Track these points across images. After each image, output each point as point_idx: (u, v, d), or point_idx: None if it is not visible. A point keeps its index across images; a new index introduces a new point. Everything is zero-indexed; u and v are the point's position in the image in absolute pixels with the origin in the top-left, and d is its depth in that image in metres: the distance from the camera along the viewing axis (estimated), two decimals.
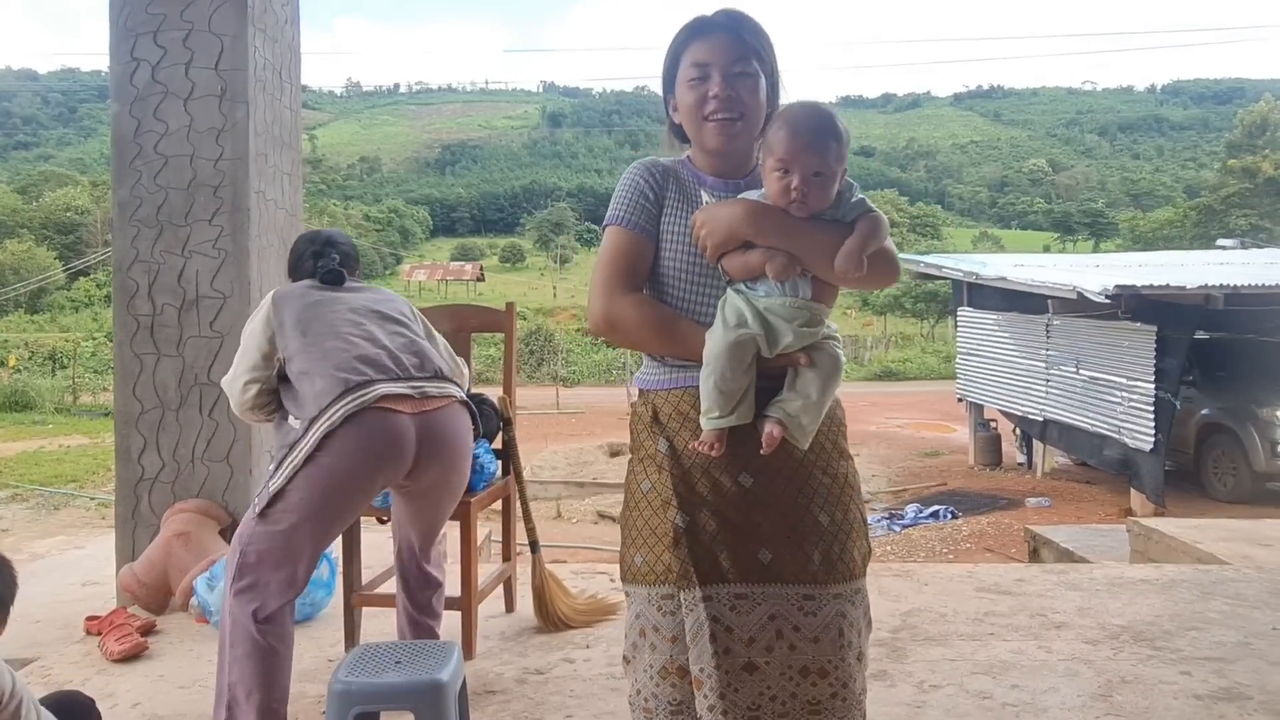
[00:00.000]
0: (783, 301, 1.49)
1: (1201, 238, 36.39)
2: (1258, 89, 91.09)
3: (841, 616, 1.49)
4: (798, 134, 1.47)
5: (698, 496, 1.51)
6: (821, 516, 1.51)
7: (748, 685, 1.46)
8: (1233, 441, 9.52)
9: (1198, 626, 3.24)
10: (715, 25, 1.58)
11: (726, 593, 1.48)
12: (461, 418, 2.51)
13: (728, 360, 1.47)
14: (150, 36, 3.63)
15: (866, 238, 1.48)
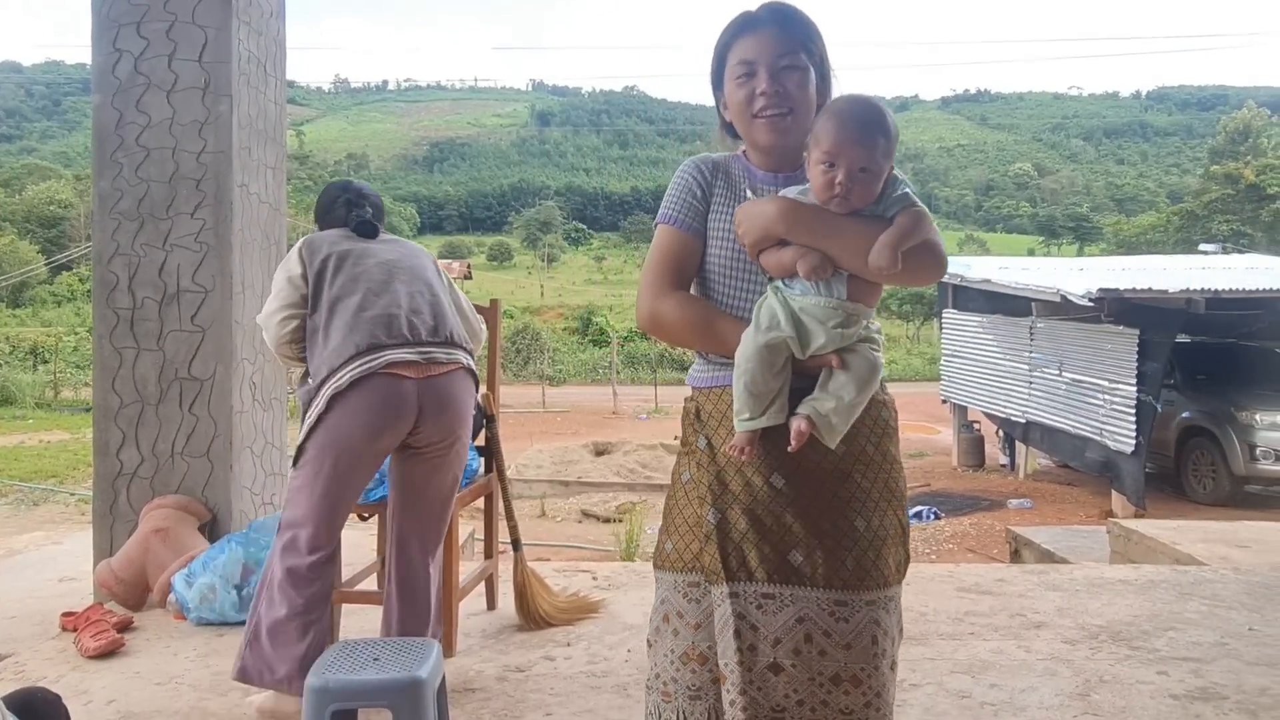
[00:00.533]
0: (817, 301, 1.46)
1: (1184, 242, 36.68)
2: (1240, 96, 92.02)
3: (875, 624, 1.46)
4: (845, 127, 1.44)
5: (731, 494, 1.50)
6: (858, 522, 1.48)
7: (772, 685, 1.45)
8: (1212, 444, 9.60)
9: (1175, 627, 3.26)
10: (760, 21, 1.57)
11: (754, 591, 1.47)
12: (465, 384, 2.58)
13: (758, 363, 1.45)
14: (133, 28, 3.61)
15: (904, 232, 1.43)
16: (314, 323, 2.51)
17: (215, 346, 3.58)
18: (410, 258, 2.68)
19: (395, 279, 2.56)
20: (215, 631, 3.13)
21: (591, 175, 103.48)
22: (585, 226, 79.83)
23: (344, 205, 2.75)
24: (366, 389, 2.37)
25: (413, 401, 2.42)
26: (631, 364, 31.16)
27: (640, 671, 2.83)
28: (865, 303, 1.48)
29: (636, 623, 3.27)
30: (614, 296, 48.45)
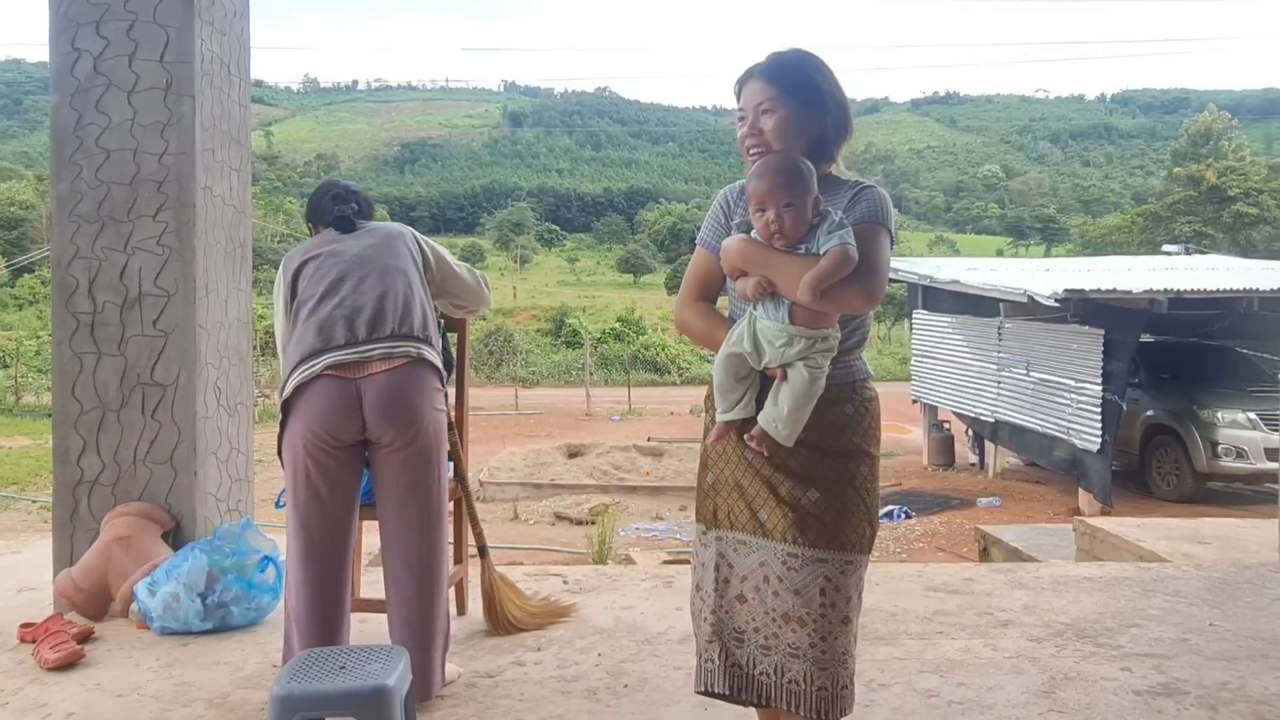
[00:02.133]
0: (769, 324, 1.77)
1: (1148, 243, 37.30)
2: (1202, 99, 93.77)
3: (825, 579, 1.78)
4: (764, 177, 1.77)
5: (722, 461, 1.90)
6: (810, 493, 1.80)
7: (737, 611, 1.85)
8: (1176, 442, 9.77)
9: (1138, 623, 3.31)
10: (752, 73, 1.89)
11: (732, 538, 1.87)
12: (414, 377, 2.51)
13: (723, 371, 1.83)
14: (92, 27, 3.54)
15: (823, 272, 1.69)
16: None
17: (178, 351, 3.52)
18: (378, 247, 2.68)
19: (348, 277, 2.58)
20: (179, 641, 3.08)
21: (564, 176, 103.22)
22: (558, 228, 79.51)
23: (330, 200, 2.81)
24: (308, 394, 2.46)
25: (353, 400, 2.44)
26: (604, 365, 31.12)
27: (610, 675, 2.83)
28: (807, 326, 1.75)
29: (607, 626, 3.27)
30: (587, 298, 48.36)
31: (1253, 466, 9.14)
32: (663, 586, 3.75)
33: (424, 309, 2.65)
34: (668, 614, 3.40)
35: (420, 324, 2.59)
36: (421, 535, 2.56)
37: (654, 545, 8.55)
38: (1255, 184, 39.52)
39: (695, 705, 2.60)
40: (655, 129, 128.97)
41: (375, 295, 2.56)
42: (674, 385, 29.31)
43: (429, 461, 2.55)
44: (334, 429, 2.45)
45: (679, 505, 10.50)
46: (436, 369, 2.60)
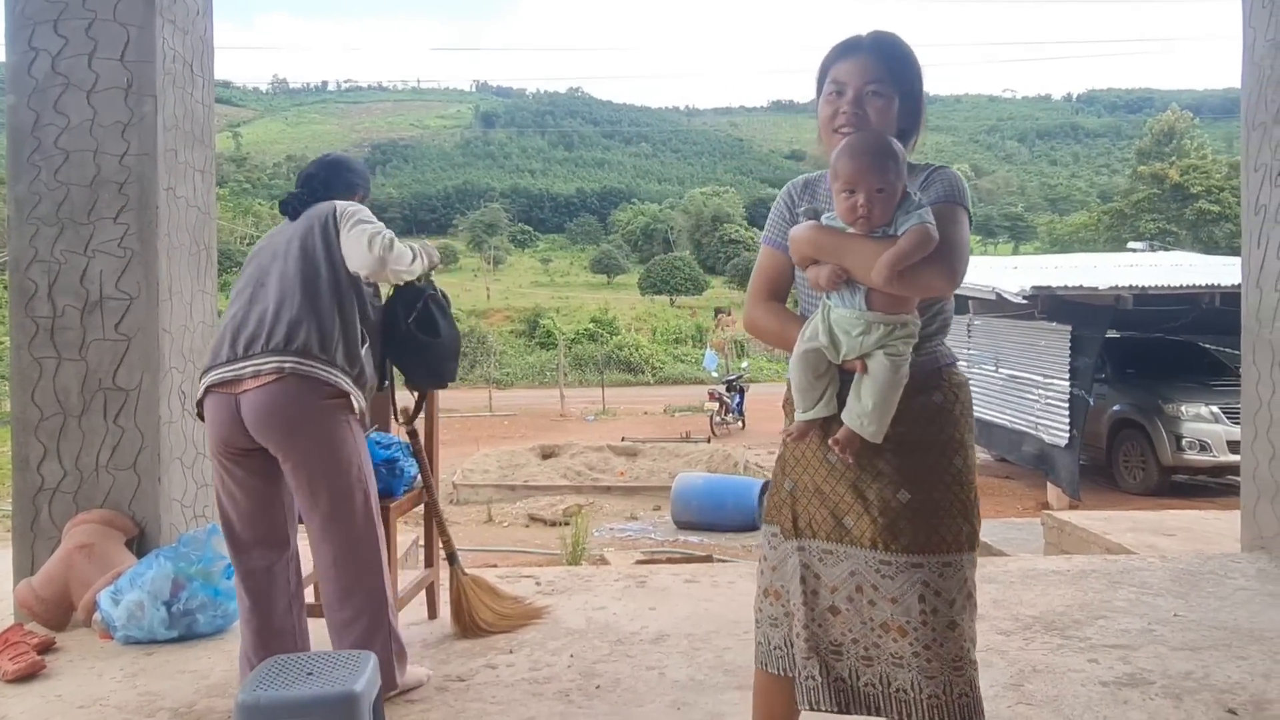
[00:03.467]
0: (845, 313, 1.69)
1: (1114, 240, 37.86)
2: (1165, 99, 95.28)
3: (924, 584, 1.69)
4: (858, 157, 1.66)
5: (800, 465, 1.82)
6: (900, 494, 1.71)
7: (830, 624, 1.77)
8: (1142, 436, 9.91)
9: (1105, 615, 3.35)
10: (860, 47, 1.79)
11: (816, 547, 1.78)
12: (284, 392, 2.40)
13: (800, 368, 1.74)
14: (50, 25, 3.47)
15: (902, 252, 1.60)
16: None
17: (141, 355, 3.47)
18: (296, 239, 2.58)
19: (254, 280, 2.56)
20: (144, 650, 3.03)
21: (537, 177, 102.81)
22: (531, 228, 79.19)
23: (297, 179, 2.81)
24: (205, 409, 2.52)
25: (234, 415, 2.44)
26: (578, 366, 31.08)
27: (582, 676, 2.82)
28: (885, 311, 1.67)
29: (579, 627, 3.26)
30: (561, 298, 48.26)
31: (1216, 459, 9.29)
32: (635, 587, 3.75)
33: (316, 316, 2.47)
34: (640, 614, 3.40)
35: (305, 337, 2.44)
36: (326, 543, 2.50)
37: (628, 545, 8.54)
38: (1217, 182, 40.20)
39: (668, 705, 2.60)
40: (628, 129, 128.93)
41: (262, 307, 2.49)
42: (648, 385, 29.33)
43: (320, 473, 2.45)
44: (227, 438, 2.48)
45: (653, 505, 10.50)
46: (321, 380, 2.43)
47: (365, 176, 2.94)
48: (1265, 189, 4.24)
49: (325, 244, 2.56)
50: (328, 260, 2.54)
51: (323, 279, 2.52)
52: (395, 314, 2.79)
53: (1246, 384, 4.38)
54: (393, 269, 2.55)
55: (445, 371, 2.93)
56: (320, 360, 2.44)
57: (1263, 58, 4.26)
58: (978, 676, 1.74)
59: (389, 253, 2.51)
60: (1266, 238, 4.23)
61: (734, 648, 3.02)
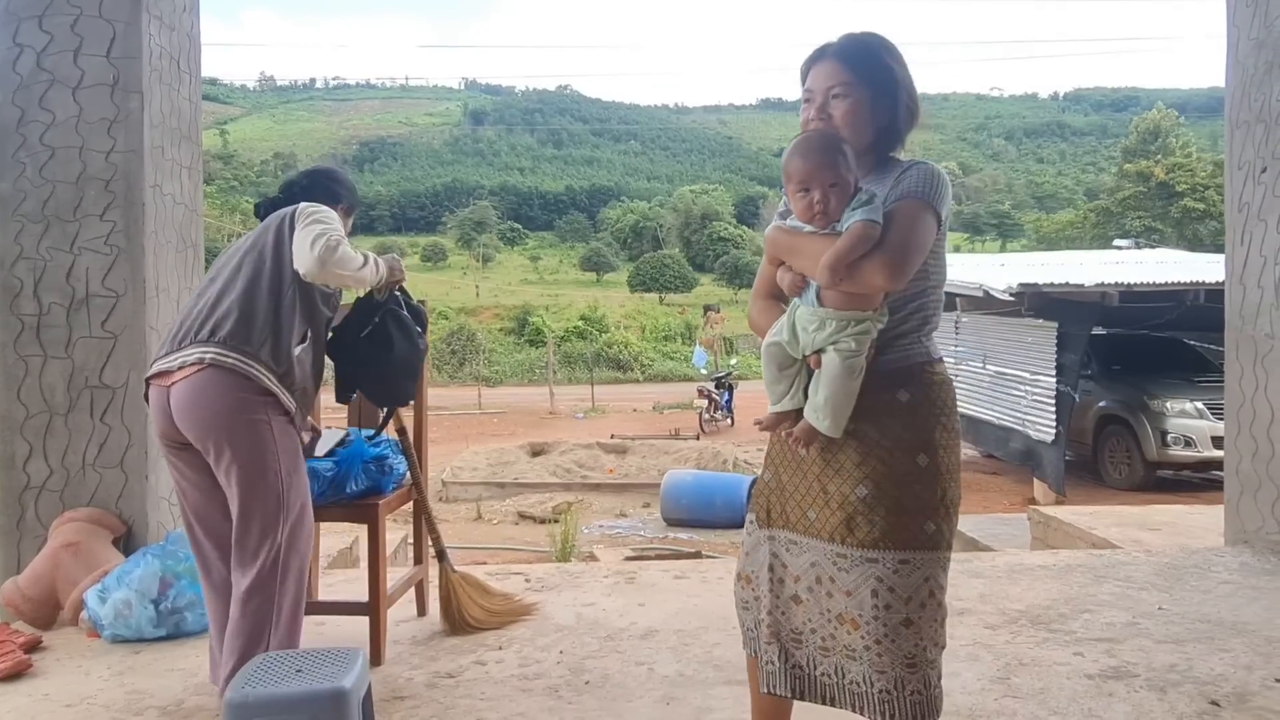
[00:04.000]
0: (805, 310, 1.74)
1: (1100, 238, 38.08)
2: (1151, 97, 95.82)
3: (877, 580, 1.71)
4: (809, 156, 1.71)
5: (776, 459, 1.90)
6: (859, 489, 1.74)
7: (793, 612, 1.84)
8: (1127, 432, 9.97)
9: (1090, 609, 3.38)
10: (825, 53, 1.83)
11: (784, 537, 1.85)
12: (206, 384, 2.34)
13: (765, 362, 1.82)
14: (35, 21, 3.46)
15: (840, 250, 1.64)
16: None
17: (128, 353, 3.45)
18: (256, 237, 2.56)
19: (213, 278, 2.54)
20: (131, 649, 3.02)
21: (526, 174, 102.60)
22: (520, 226, 79.11)
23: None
24: (149, 400, 2.50)
25: (167, 408, 2.40)
26: (568, 364, 31.07)
27: (572, 672, 2.83)
28: (835, 307, 1.70)
29: (568, 624, 3.26)
30: (550, 296, 48.20)
31: (1200, 454, 9.36)
32: (624, 583, 3.76)
33: (248, 310, 2.42)
34: (629, 610, 3.41)
35: (230, 328, 2.38)
36: (244, 538, 2.41)
37: (618, 542, 8.55)
38: (1202, 180, 40.47)
39: (657, 700, 2.61)
40: (617, 127, 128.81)
41: (205, 300, 2.47)
42: (637, 382, 29.35)
43: (235, 474, 2.37)
44: (165, 431, 2.46)
45: (642, 502, 10.51)
46: (240, 374, 2.36)
47: (351, 189, 2.88)
48: (1249, 187, 4.28)
49: (277, 240, 2.52)
50: (275, 255, 2.49)
51: (265, 274, 2.47)
52: (348, 325, 2.73)
53: (1230, 380, 4.42)
54: (333, 272, 2.44)
55: (399, 390, 2.85)
56: (243, 354, 2.37)
57: (1246, 56, 4.30)
58: (934, 675, 1.75)
59: (330, 254, 2.41)
60: (1250, 235, 4.27)
61: (723, 643, 3.03)
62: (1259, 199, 4.22)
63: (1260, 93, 4.21)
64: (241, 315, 2.40)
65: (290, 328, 2.47)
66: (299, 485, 2.48)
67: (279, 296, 2.47)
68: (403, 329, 2.78)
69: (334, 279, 2.50)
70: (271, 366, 2.41)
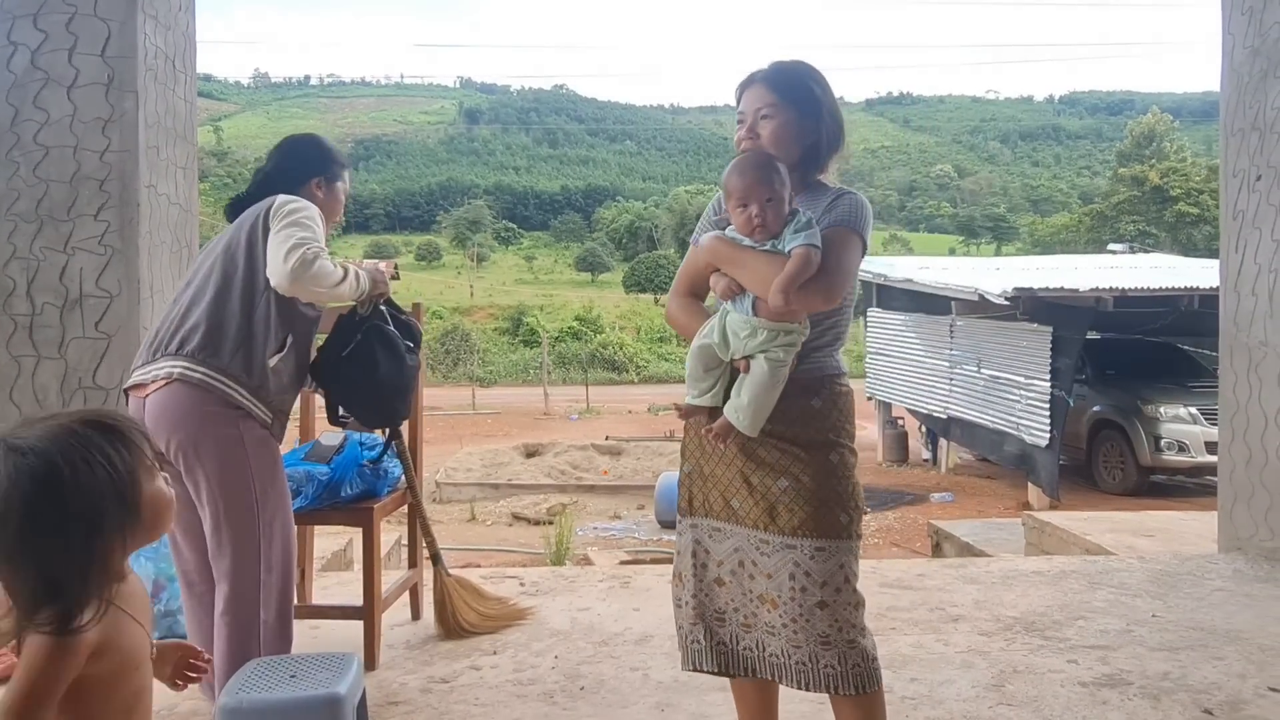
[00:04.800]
0: (737, 317, 1.85)
1: (1094, 242, 38.22)
2: (1146, 101, 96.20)
3: (795, 564, 1.84)
4: (745, 173, 1.84)
5: (698, 452, 2.00)
6: (780, 481, 1.87)
7: (716, 594, 1.97)
8: (1121, 436, 10.02)
9: (1085, 616, 3.39)
10: (753, 79, 1.98)
11: (707, 525, 1.97)
12: (172, 398, 2.26)
13: (693, 360, 1.93)
14: (29, 20, 3.43)
15: (790, 275, 1.76)
16: None
17: (122, 354, 3.43)
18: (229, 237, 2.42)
19: (187, 283, 2.44)
20: None
21: (521, 174, 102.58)
22: (515, 226, 79.05)
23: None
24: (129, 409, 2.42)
25: (142, 417, 2.29)
26: (562, 364, 31.05)
27: (566, 678, 2.82)
28: (772, 318, 1.81)
29: (563, 628, 3.26)
30: (544, 296, 48.20)
31: (1194, 460, 9.41)
32: (620, 587, 3.75)
33: (217, 320, 2.31)
34: (625, 615, 3.40)
35: (199, 340, 2.29)
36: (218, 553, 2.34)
37: (612, 544, 8.55)
38: (1196, 184, 40.66)
39: (652, 706, 2.61)
40: (613, 127, 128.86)
41: (178, 309, 2.38)
42: (632, 384, 29.34)
43: (208, 480, 2.30)
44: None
45: (637, 504, 10.51)
46: (207, 389, 2.27)
47: (326, 152, 2.64)
48: (1244, 194, 4.29)
49: (250, 242, 2.37)
50: (247, 260, 2.35)
51: (237, 280, 2.34)
52: (330, 343, 2.57)
53: (1224, 387, 4.43)
54: (308, 288, 2.29)
55: (389, 411, 2.72)
56: (211, 367, 2.28)
57: (1241, 64, 4.31)
58: (854, 655, 1.85)
59: (305, 269, 2.25)
60: (1245, 242, 4.28)
61: None
62: (1254, 207, 4.23)
63: (1255, 100, 4.22)
64: (210, 328, 2.30)
65: (264, 338, 2.34)
66: (275, 498, 2.38)
67: (251, 305, 2.34)
68: (388, 346, 2.60)
69: (309, 295, 2.34)
70: (243, 380, 2.30)
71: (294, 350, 2.43)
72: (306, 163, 2.59)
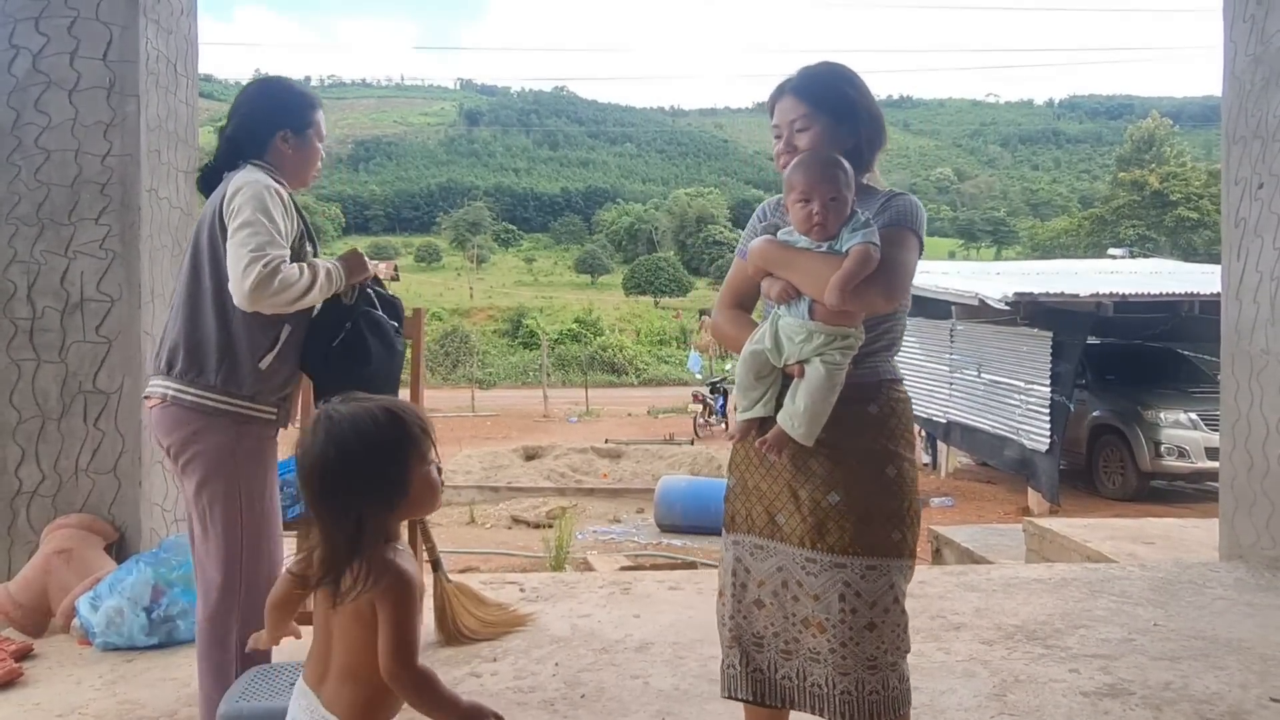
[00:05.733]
0: (791, 321, 1.79)
1: (1094, 246, 38.24)
2: (1146, 105, 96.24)
3: (845, 584, 1.76)
4: (812, 170, 1.78)
5: (742, 464, 1.93)
6: (831, 496, 1.79)
7: (755, 617, 1.87)
8: (1121, 442, 10.00)
9: (1086, 625, 3.38)
10: (784, 89, 1.92)
11: (749, 542, 1.89)
12: (164, 419, 2.23)
13: (744, 368, 1.85)
14: (31, 23, 3.44)
15: (849, 271, 1.69)
16: None
17: (122, 358, 3.43)
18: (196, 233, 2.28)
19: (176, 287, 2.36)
20: (123, 657, 3.00)
21: (521, 176, 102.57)
22: (515, 227, 79.08)
23: None
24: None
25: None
26: (562, 366, 31.04)
27: (567, 685, 2.81)
28: (826, 322, 1.75)
29: (564, 635, 3.25)
30: (544, 298, 48.20)
31: (1194, 465, 9.39)
32: (620, 594, 3.74)
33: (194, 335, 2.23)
34: (625, 622, 3.39)
35: (183, 362, 2.22)
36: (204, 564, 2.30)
37: (612, 548, 8.53)
38: (1196, 189, 40.66)
39: (653, 715, 2.60)
40: (613, 129, 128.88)
41: (169, 316, 2.33)
42: (631, 386, 29.35)
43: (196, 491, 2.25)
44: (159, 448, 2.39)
45: (636, 508, 10.49)
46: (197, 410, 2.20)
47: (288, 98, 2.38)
48: (1245, 202, 4.29)
49: (211, 242, 2.21)
50: (212, 267, 2.20)
51: (204, 287, 2.22)
52: (317, 333, 2.36)
53: (1225, 395, 4.43)
54: (272, 302, 2.13)
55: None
56: (199, 387, 2.20)
57: (1243, 72, 4.31)
58: (894, 678, 1.79)
59: (265, 285, 2.09)
60: (1246, 250, 4.28)
61: (718, 656, 3.00)
62: (1255, 215, 4.23)
63: (1257, 108, 4.22)
64: (190, 347, 2.21)
65: (249, 344, 2.22)
66: (263, 512, 2.30)
67: (225, 316, 2.20)
68: (379, 333, 2.44)
69: (275, 308, 2.16)
70: (234, 392, 2.22)
71: (290, 342, 2.29)
72: (269, 116, 2.34)
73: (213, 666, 2.25)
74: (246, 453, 2.26)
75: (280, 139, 2.34)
